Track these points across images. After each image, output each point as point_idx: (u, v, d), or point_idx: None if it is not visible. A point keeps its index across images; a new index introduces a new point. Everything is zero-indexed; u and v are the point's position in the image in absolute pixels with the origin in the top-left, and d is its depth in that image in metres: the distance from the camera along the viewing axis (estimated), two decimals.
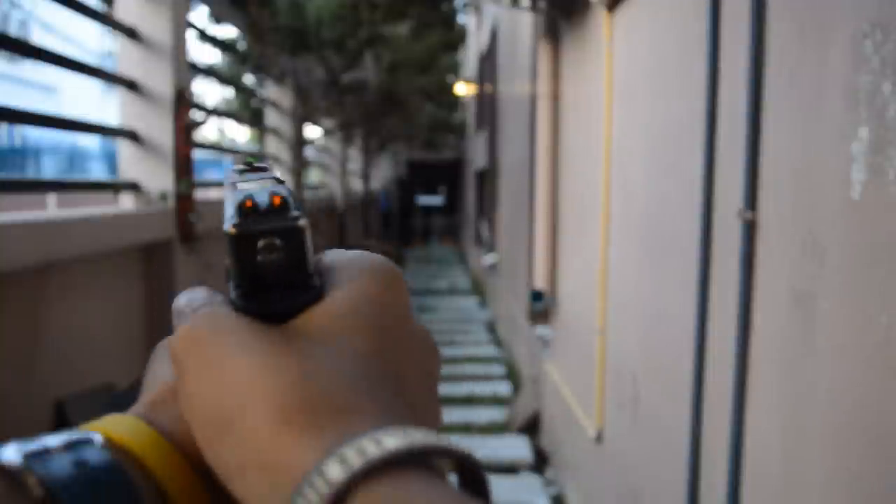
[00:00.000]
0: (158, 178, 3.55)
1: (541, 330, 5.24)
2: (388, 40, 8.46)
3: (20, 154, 14.51)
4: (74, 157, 15.90)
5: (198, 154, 4.82)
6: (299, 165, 6.72)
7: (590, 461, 3.74)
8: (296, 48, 6.34)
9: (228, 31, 6.66)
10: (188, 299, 0.32)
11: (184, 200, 3.60)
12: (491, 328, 9.19)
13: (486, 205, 11.16)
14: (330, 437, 0.23)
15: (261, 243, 0.28)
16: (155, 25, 3.51)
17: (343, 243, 10.43)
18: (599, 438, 3.57)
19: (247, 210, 0.29)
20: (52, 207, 7.64)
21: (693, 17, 2.29)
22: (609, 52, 3.36)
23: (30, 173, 13.53)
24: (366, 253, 0.32)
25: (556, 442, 4.72)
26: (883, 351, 1.27)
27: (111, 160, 12.59)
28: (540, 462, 4.90)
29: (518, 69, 7.03)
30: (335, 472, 0.22)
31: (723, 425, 1.98)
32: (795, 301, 1.60)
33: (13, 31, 15.80)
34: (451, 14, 11.21)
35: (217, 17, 5.60)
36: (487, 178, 10.96)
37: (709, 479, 2.17)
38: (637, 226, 3.01)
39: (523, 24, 6.48)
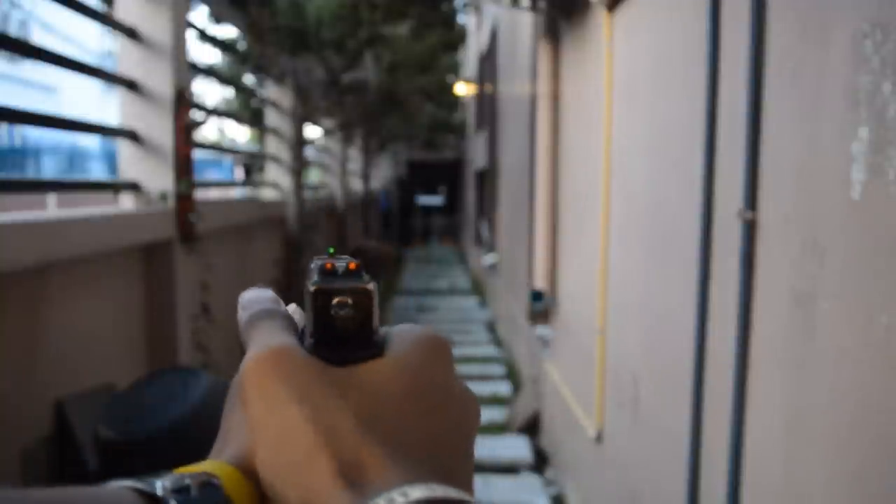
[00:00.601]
0: (158, 178, 3.55)
1: (541, 330, 5.24)
2: (388, 40, 8.45)
3: (20, 154, 14.50)
4: (74, 157, 15.90)
5: (198, 154, 4.82)
6: (299, 165, 6.72)
7: (590, 461, 3.74)
8: (296, 48, 6.33)
9: (228, 31, 6.66)
10: (255, 298, 0.39)
11: (184, 200, 3.60)
12: (491, 328, 9.19)
13: (486, 205, 11.16)
14: (373, 489, 0.28)
15: (335, 301, 0.34)
16: (155, 25, 3.51)
17: (343, 243, 10.43)
18: (599, 438, 3.57)
19: (326, 271, 0.35)
20: (52, 207, 7.64)
21: (693, 17, 2.29)
22: (609, 52, 3.36)
23: (30, 173, 13.53)
24: (419, 327, 0.36)
25: (556, 442, 4.72)
26: (883, 351, 1.27)
27: (111, 160, 12.60)
28: (540, 462, 4.90)
29: (518, 69, 7.03)
30: None
31: (723, 425, 1.98)
32: (795, 301, 1.60)
33: (13, 31, 15.80)
34: (451, 14, 11.20)
35: (217, 17, 5.60)
36: (487, 178, 10.96)
37: (709, 479, 2.17)
38: (637, 226, 3.01)
39: (523, 24, 6.48)
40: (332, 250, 0.40)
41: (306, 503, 0.29)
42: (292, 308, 0.40)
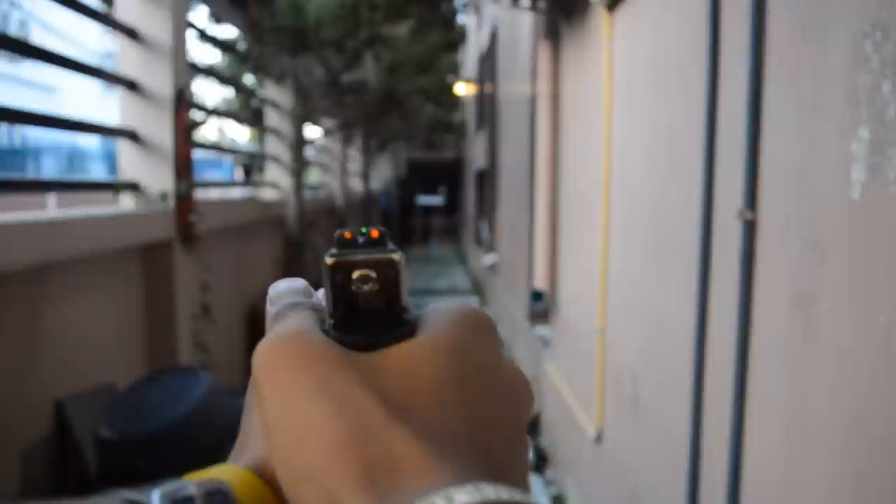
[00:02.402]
0: (158, 178, 3.55)
1: (541, 330, 5.24)
2: (388, 40, 8.45)
3: (20, 154, 14.51)
4: (74, 157, 15.90)
5: (198, 154, 4.82)
6: (299, 165, 6.72)
7: (590, 461, 3.74)
8: (296, 48, 6.34)
9: (228, 31, 6.66)
10: (286, 289, 0.33)
11: (184, 200, 3.60)
12: None
13: (486, 205, 11.16)
14: (409, 493, 0.24)
15: (356, 274, 0.29)
16: (155, 25, 3.51)
17: None
18: (599, 438, 3.57)
19: (344, 241, 0.30)
20: (52, 207, 7.64)
21: (693, 17, 2.29)
22: (609, 51, 3.36)
23: (30, 173, 13.53)
24: (458, 303, 0.32)
25: (556, 442, 4.72)
26: (883, 351, 1.27)
27: (111, 160, 12.59)
28: (540, 462, 4.90)
29: (518, 69, 7.03)
30: None
31: (723, 425, 1.98)
32: (795, 301, 1.60)
33: (13, 31, 15.81)
34: (451, 14, 11.21)
35: (217, 17, 5.60)
36: (487, 178, 10.96)
37: (709, 479, 2.17)
38: (637, 226, 3.01)
39: (523, 24, 6.48)
40: (364, 230, 0.35)
41: None
42: (321, 294, 0.34)
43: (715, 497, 2.06)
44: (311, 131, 8.51)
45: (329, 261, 0.29)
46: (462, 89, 14.69)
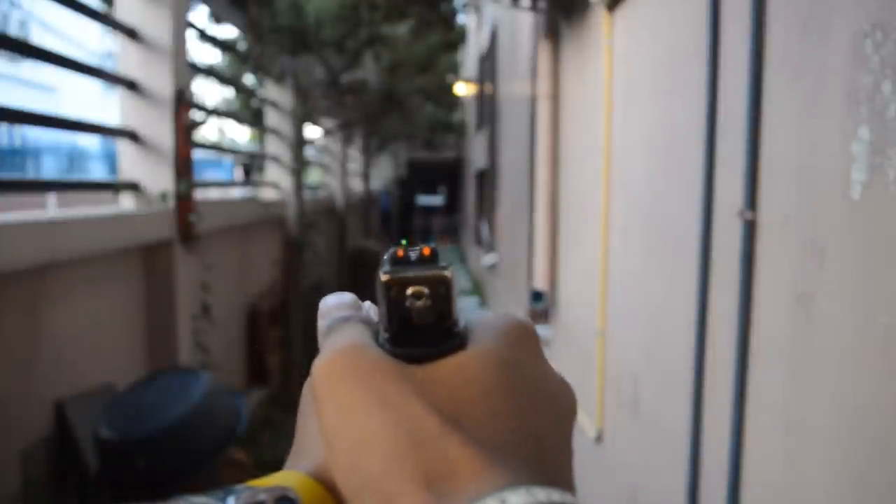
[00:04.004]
0: (158, 178, 3.55)
1: (541, 330, 5.23)
2: (388, 40, 8.45)
3: (20, 154, 14.50)
4: (74, 157, 15.89)
5: (198, 154, 4.82)
6: (299, 165, 6.72)
7: (590, 461, 3.74)
8: (296, 48, 6.34)
9: (228, 31, 6.66)
10: (336, 303, 0.35)
11: (184, 200, 3.60)
12: None
13: (486, 205, 11.16)
14: (465, 496, 0.25)
15: (410, 290, 0.30)
16: (155, 25, 3.51)
17: (343, 243, 10.43)
18: (599, 438, 3.57)
19: (398, 259, 0.31)
20: (52, 207, 7.63)
21: (693, 16, 2.29)
22: (609, 51, 3.36)
23: (30, 173, 13.53)
24: (502, 314, 0.33)
25: None
26: (883, 351, 1.27)
27: (111, 160, 12.59)
28: None
29: (518, 69, 7.03)
30: None
31: (723, 425, 1.98)
32: (796, 301, 1.60)
33: (13, 31, 15.80)
34: (451, 14, 11.21)
35: (217, 17, 5.60)
36: (487, 178, 10.96)
37: (709, 479, 2.17)
38: (637, 226, 3.01)
39: (523, 24, 6.48)
40: (405, 242, 0.36)
41: None
42: (368, 306, 0.36)
43: (715, 497, 2.06)
44: (311, 131, 8.51)
45: (384, 277, 0.31)
46: (462, 89, 14.69)
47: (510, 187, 7.84)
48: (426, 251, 0.32)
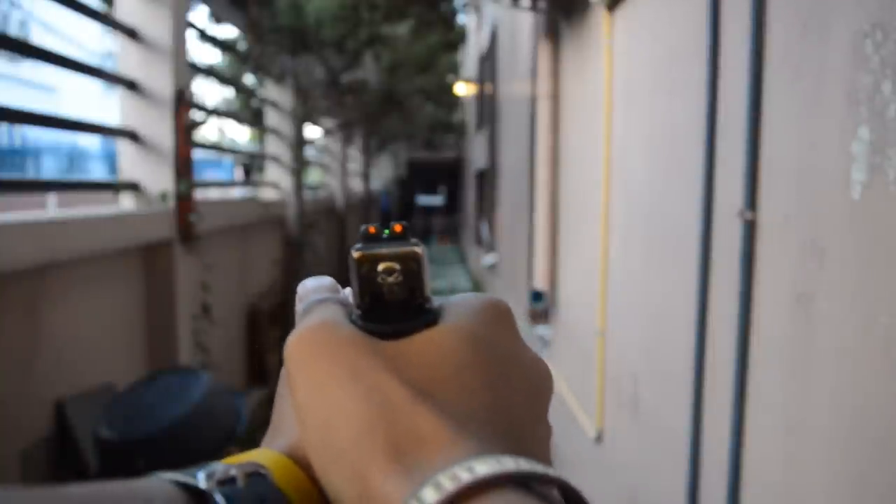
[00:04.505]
0: (158, 178, 3.55)
1: (541, 330, 5.24)
2: (388, 40, 8.45)
3: (20, 154, 14.50)
4: (74, 157, 15.89)
5: (198, 154, 4.82)
6: (299, 165, 6.72)
7: (590, 461, 3.74)
8: (296, 48, 6.34)
9: (228, 31, 6.66)
10: (314, 286, 0.35)
11: (184, 200, 3.60)
12: None
13: (486, 205, 11.16)
14: (433, 466, 0.25)
15: (381, 266, 0.31)
16: (155, 25, 3.51)
17: (343, 243, 10.43)
18: (599, 438, 3.57)
19: (369, 236, 0.32)
20: (52, 207, 7.64)
21: (693, 16, 2.29)
22: (609, 51, 3.36)
23: (30, 173, 13.53)
24: (478, 293, 0.33)
25: (557, 442, 4.72)
26: (883, 351, 1.27)
27: (111, 160, 12.59)
28: None
29: (518, 69, 7.03)
30: (429, 495, 0.24)
31: (723, 425, 1.98)
32: (796, 301, 1.60)
33: (13, 31, 15.80)
34: (451, 14, 11.21)
35: (217, 17, 5.61)
36: (487, 178, 10.96)
37: (709, 479, 2.17)
38: (637, 226, 3.01)
39: (523, 24, 6.48)
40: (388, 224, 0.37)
41: (360, 490, 0.26)
42: (348, 291, 0.36)
43: (715, 497, 2.06)
44: (311, 131, 8.51)
45: (355, 254, 0.31)
46: (462, 89, 14.69)
47: (510, 187, 7.84)
48: (397, 228, 0.32)
